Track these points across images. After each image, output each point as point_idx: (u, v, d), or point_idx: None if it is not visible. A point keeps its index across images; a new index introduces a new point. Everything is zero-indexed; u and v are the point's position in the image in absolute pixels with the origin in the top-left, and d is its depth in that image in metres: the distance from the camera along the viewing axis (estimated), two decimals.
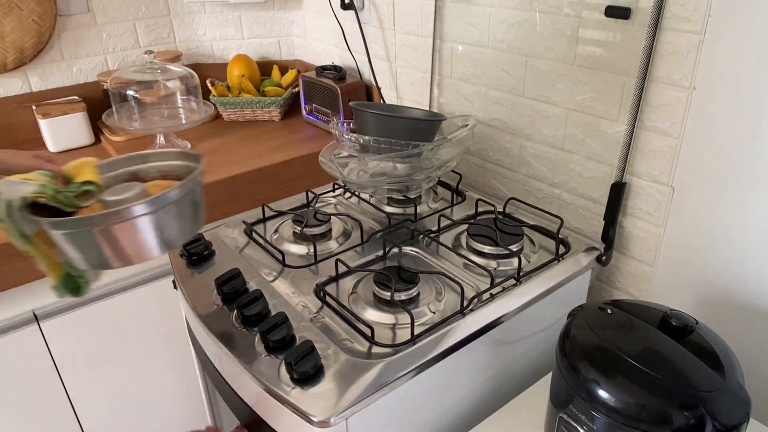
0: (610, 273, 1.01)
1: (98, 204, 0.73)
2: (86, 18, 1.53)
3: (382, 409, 0.71)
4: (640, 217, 0.93)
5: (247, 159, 1.36)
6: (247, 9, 1.71)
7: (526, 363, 0.92)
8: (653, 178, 0.89)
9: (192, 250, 0.95)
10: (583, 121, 0.96)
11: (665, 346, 0.62)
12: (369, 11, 1.39)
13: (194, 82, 1.47)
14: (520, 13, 1.01)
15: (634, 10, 0.83)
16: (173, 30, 1.69)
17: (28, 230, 0.69)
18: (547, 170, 1.07)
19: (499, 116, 1.13)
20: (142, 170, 0.82)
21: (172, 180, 0.81)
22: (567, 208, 1.05)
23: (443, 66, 1.22)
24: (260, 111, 1.62)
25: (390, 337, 0.76)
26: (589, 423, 0.61)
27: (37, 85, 1.52)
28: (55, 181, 0.71)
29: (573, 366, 0.63)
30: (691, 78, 0.79)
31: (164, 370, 1.36)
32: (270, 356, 0.73)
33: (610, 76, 0.90)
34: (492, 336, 0.81)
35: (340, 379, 0.69)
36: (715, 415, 0.55)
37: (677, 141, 0.84)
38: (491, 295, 0.83)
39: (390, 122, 1.01)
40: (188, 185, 0.71)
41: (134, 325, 1.28)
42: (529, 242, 0.98)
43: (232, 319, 0.81)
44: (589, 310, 0.69)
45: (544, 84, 1.01)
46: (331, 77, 1.47)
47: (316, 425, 0.65)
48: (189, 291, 0.89)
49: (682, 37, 0.79)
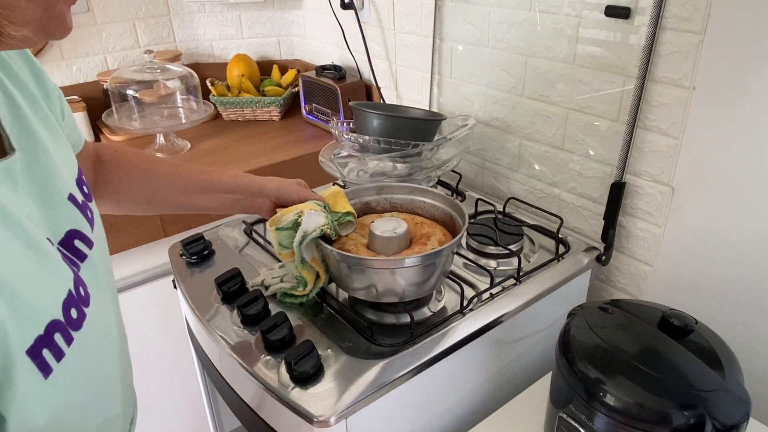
0: (610, 273, 1.01)
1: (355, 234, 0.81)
2: (86, 17, 1.53)
3: (382, 409, 0.71)
4: (640, 216, 0.93)
5: (246, 159, 1.36)
6: (246, 8, 1.71)
7: (525, 363, 0.92)
8: (653, 177, 0.89)
9: (192, 249, 0.95)
10: (583, 121, 0.96)
11: (665, 346, 0.62)
12: (369, 11, 1.39)
13: (194, 82, 1.47)
14: (520, 12, 1.01)
15: (634, 9, 0.83)
16: (173, 30, 1.69)
17: (307, 256, 0.76)
18: (546, 170, 1.07)
19: (499, 116, 1.13)
20: (374, 200, 0.89)
21: (403, 213, 0.88)
22: (567, 207, 1.05)
23: (443, 65, 1.22)
24: (260, 111, 1.62)
25: (390, 336, 0.76)
26: (588, 423, 0.61)
27: None
28: (327, 211, 0.78)
29: (573, 366, 0.63)
30: (691, 78, 0.79)
31: (164, 370, 1.36)
32: (270, 356, 0.73)
33: (610, 75, 0.90)
34: (492, 336, 0.81)
35: (340, 378, 0.69)
36: (715, 415, 0.55)
37: (677, 141, 0.84)
38: (491, 295, 0.83)
39: (390, 122, 1.01)
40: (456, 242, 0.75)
41: (134, 325, 1.28)
42: (528, 242, 0.98)
43: (232, 318, 0.81)
44: (589, 309, 0.69)
45: (544, 84, 1.01)
46: (330, 77, 1.47)
47: (316, 425, 0.65)
48: (189, 291, 0.89)
49: (682, 37, 0.79)
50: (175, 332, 1.32)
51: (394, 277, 0.73)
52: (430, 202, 0.87)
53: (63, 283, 0.43)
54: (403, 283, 0.73)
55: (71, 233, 0.48)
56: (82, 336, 0.45)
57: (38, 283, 0.40)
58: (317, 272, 0.79)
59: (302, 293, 0.81)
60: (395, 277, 0.73)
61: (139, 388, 0.69)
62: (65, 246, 0.47)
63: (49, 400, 0.41)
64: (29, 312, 0.39)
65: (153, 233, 1.22)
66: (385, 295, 0.75)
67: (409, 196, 0.88)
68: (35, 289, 0.40)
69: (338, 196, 0.81)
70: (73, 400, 0.44)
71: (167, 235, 1.24)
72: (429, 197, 0.87)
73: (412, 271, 0.73)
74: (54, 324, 0.41)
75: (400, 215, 0.86)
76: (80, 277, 0.47)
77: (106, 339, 0.52)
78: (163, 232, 1.23)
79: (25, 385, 0.38)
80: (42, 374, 0.40)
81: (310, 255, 0.77)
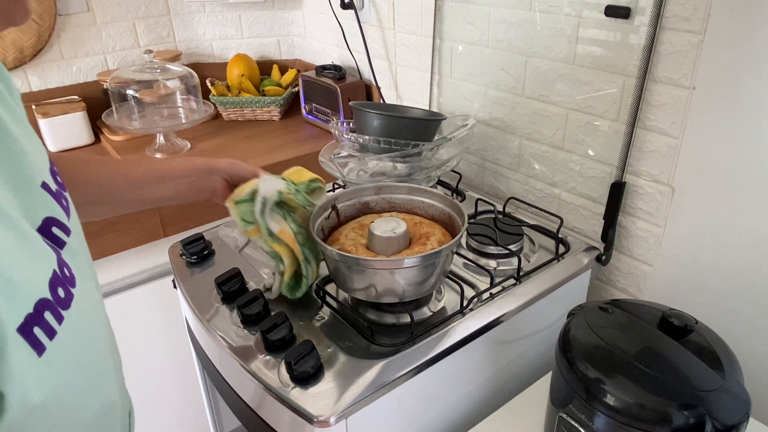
0: (610, 272, 1.01)
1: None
2: (86, 17, 1.53)
3: (382, 409, 0.71)
4: (640, 216, 0.93)
5: (246, 158, 1.36)
6: (246, 8, 1.71)
7: (525, 363, 0.92)
8: (653, 177, 0.89)
9: (192, 249, 0.95)
10: (583, 121, 0.96)
11: (665, 346, 0.62)
12: (369, 11, 1.39)
13: (194, 82, 1.47)
14: (520, 12, 1.01)
15: (634, 9, 0.83)
16: (173, 29, 1.69)
17: (274, 227, 0.74)
18: (546, 170, 1.07)
19: (498, 116, 1.13)
20: (374, 200, 0.88)
21: (403, 213, 0.88)
22: (567, 207, 1.05)
23: (443, 65, 1.22)
24: (260, 110, 1.62)
25: (390, 336, 0.76)
26: (588, 423, 0.61)
27: (37, 84, 1.52)
28: (288, 182, 0.76)
29: (573, 365, 0.63)
30: (691, 78, 0.79)
31: (164, 370, 1.36)
32: (270, 356, 0.73)
33: (610, 75, 0.90)
34: (492, 336, 0.81)
35: (339, 378, 0.69)
36: (715, 415, 0.55)
37: (677, 141, 0.84)
38: (491, 295, 0.83)
39: (390, 122, 1.01)
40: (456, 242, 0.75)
41: (134, 325, 1.28)
42: (528, 242, 0.98)
43: (232, 318, 0.81)
44: (588, 309, 0.69)
45: (543, 83, 1.01)
46: (330, 77, 1.47)
47: (316, 425, 0.65)
48: (189, 291, 0.89)
49: (682, 37, 0.79)
50: (175, 332, 1.32)
51: (393, 277, 0.73)
52: (429, 202, 0.87)
53: (47, 262, 0.44)
54: (402, 283, 0.73)
55: (48, 220, 0.48)
56: (72, 315, 0.46)
57: (23, 262, 0.41)
58: (296, 253, 0.78)
59: (290, 278, 0.79)
60: (395, 277, 0.73)
61: (139, 388, 0.70)
62: (43, 233, 0.47)
63: (45, 378, 0.42)
64: (16, 290, 0.39)
65: (153, 233, 1.22)
66: (384, 296, 0.75)
67: (409, 196, 0.88)
68: (20, 267, 0.40)
69: (300, 170, 0.81)
70: (69, 380, 0.45)
71: (167, 235, 1.24)
72: (428, 197, 0.87)
73: (411, 271, 0.73)
74: (42, 302, 0.42)
75: (400, 215, 0.86)
76: (63, 259, 0.48)
77: (96, 321, 0.53)
78: (163, 232, 1.23)
79: (19, 362, 0.39)
80: (35, 352, 0.41)
81: (277, 226, 0.75)
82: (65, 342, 0.44)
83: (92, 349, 0.50)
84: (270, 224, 0.74)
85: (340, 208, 0.86)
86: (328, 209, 0.84)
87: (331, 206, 0.85)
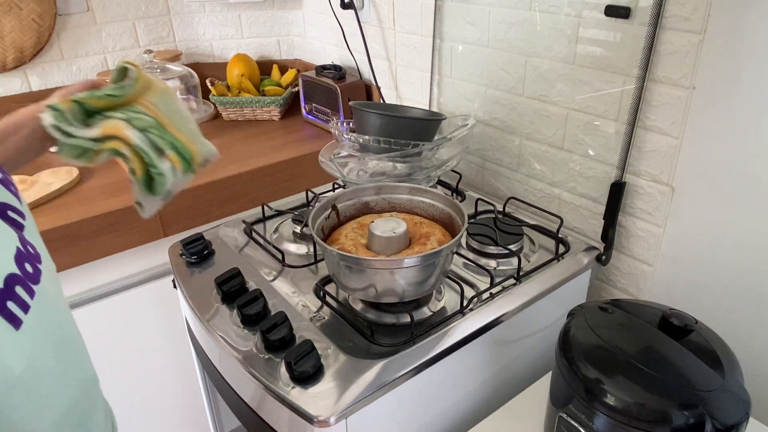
0: (610, 272, 1.01)
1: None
2: (86, 17, 1.53)
3: (382, 409, 0.71)
4: (640, 216, 0.93)
5: (246, 158, 1.36)
6: (246, 8, 1.71)
7: (525, 363, 0.92)
8: (653, 177, 0.89)
9: (192, 249, 0.95)
10: (583, 121, 0.96)
11: (665, 346, 0.62)
12: (369, 11, 1.39)
13: (194, 82, 1.47)
14: (520, 12, 1.01)
15: (634, 9, 0.83)
16: (173, 29, 1.69)
17: (94, 132, 0.63)
18: (546, 170, 1.07)
19: (498, 116, 1.13)
20: (374, 200, 0.89)
21: (403, 213, 0.88)
22: (567, 207, 1.05)
23: (443, 65, 1.22)
24: (260, 110, 1.62)
25: (390, 336, 0.76)
26: (588, 423, 0.61)
27: (37, 84, 1.52)
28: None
29: (573, 365, 0.63)
30: (691, 78, 0.79)
31: (164, 370, 1.36)
32: (270, 356, 0.73)
33: (610, 75, 0.90)
34: (492, 336, 0.81)
35: (339, 378, 0.69)
36: (715, 415, 0.55)
37: (677, 141, 0.84)
38: (491, 295, 0.83)
39: (390, 122, 1.01)
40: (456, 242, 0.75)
41: (134, 325, 1.28)
42: (528, 242, 0.98)
43: (232, 318, 0.81)
44: (588, 309, 0.69)
45: (543, 83, 1.01)
46: (330, 77, 1.47)
47: (316, 425, 0.65)
48: (189, 290, 0.89)
49: (682, 37, 0.79)
50: (175, 332, 1.32)
51: (393, 277, 0.73)
52: (429, 201, 0.87)
53: (9, 239, 0.46)
54: (402, 283, 0.73)
55: (2, 205, 0.49)
56: (43, 290, 0.47)
57: None
58: (127, 139, 0.64)
59: (143, 173, 0.65)
60: (395, 277, 0.73)
61: (139, 388, 0.70)
62: (1, 216, 0.48)
63: (23, 349, 0.44)
64: None
65: (153, 233, 1.22)
66: (384, 295, 0.75)
67: (409, 196, 0.88)
68: None
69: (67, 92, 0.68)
70: (48, 353, 0.47)
71: (167, 235, 1.24)
72: (428, 197, 0.87)
73: (411, 271, 0.73)
74: (12, 277, 0.43)
75: (400, 215, 0.86)
76: (25, 238, 0.49)
77: (62, 299, 0.54)
78: (163, 232, 1.23)
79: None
80: (12, 326, 0.42)
81: (96, 130, 0.63)
82: (39, 316, 0.46)
83: (65, 323, 0.52)
84: (86, 134, 0.62)
85: (340, 208, 0.86)
86: (328, 209, 0.84)
87: (331, 206, 0.85)
